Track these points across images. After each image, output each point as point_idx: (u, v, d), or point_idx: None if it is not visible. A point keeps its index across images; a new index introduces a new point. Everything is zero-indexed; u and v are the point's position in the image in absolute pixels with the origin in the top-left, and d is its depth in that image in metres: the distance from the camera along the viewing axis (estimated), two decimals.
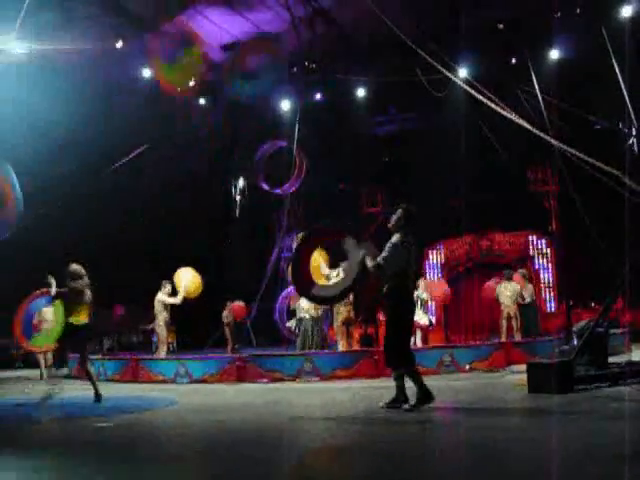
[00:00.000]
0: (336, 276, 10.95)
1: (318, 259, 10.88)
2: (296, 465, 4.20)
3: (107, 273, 18.25)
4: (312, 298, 8.30)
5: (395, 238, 6.43)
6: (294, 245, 14.78)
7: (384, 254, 6.35)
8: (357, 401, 7.47)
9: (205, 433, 5.67)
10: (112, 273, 20.12)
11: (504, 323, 13.17)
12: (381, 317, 17.15)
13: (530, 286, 13.83)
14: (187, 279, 12.78)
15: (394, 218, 6.59)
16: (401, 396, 6.39)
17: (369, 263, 6.37)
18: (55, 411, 7.48)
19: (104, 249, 19.60)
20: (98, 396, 8.23)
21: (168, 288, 12.77)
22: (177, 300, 12.62)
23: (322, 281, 10.17)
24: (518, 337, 12.77)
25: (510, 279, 13.52)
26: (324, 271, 11.17)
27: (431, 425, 5.75)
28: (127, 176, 18.16)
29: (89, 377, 8.45)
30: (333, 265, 11.58)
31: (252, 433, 5.52)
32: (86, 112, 17.66)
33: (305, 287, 7.70)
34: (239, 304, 15.81)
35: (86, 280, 8.44)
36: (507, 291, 13.27)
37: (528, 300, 13.33)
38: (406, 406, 6.26)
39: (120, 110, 17.91)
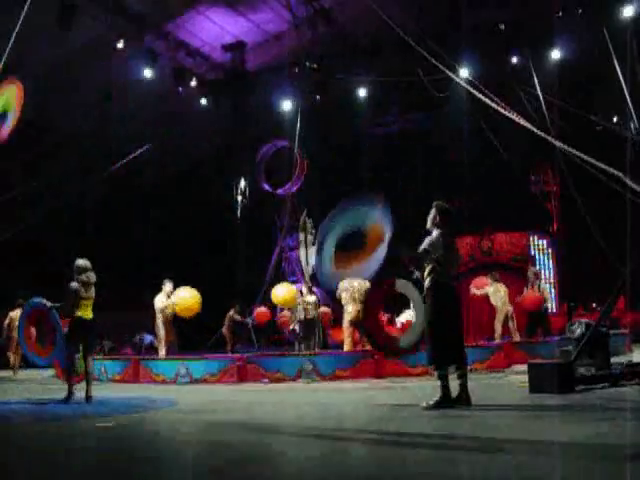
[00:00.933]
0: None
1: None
2: (296, 465, 4.20)
3: (108, 276, 18.29)
4: (398, 353, 8.35)
5: (434, 233, 6.44)
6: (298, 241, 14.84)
7: (426, 245, 6.33)
8: (357, 401, 7.46)
9: (205, 433, 5.67)
10: (114, 276, 20.17)
11: (499, 326, 12.95)
12: (383, 318, 17.11)
13: (543, 284, 13.58)
14: (183, 298, 12.74)
15: (430, 217, 6.57)
16: (463, 394, 6.28)
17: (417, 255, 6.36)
18: (56, 410, 7.49)
19: (106, 251, 19.60)
20: (69, 397, 8.12)
21: (168, 287, 12.73)
22: (167, 302, 12.62)
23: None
24: (516, 338, 12.61)
25: (498, 280, 13.19)
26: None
27: (431, 425, 5.74)
28: (127, 177, 18.17)
29: (86, 377, 8.23)
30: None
31: (252, 433, 5.52)
32: (89, 111, 17.73)
33: (388, 348, 7.72)
34: (262, 309, 15.80)
35: (92, 275, 8.37)
36: (500, 292, 12.98)
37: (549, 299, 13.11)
38: (424, 404, 6.23)
39: (122, 110, 17.94)
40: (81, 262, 8.38)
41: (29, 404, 8.39)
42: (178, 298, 12.55)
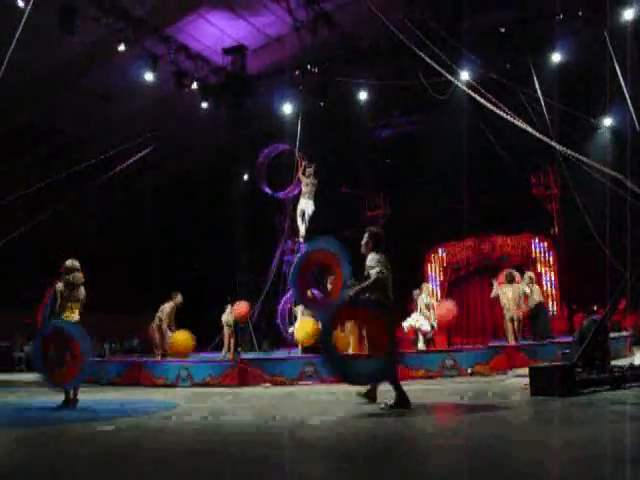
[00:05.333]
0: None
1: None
2: (294, 467, 4.20)
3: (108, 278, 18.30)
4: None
5: (374, 254, 6.80)
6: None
7: (377, 268, 6.62)
8: (358, 404, 7.45)
9: (206, 436, 5.66)
10: (113, 278, 20.19)
11: (509, 325, 12.82)
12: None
13: (537, 287, 13.49)
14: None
15: (363, 242, 6.99)
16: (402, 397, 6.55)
17: (366, 285, 6.66)
18: (56, 415, 7.48)
19: (105, 254, 19.62)
20: (67, 402, 7.95)
21: (179, 298, 12.97)
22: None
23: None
24: (519, 340, 12.54)
25: (512, 281, 12.99)
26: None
27: (432, 428, 5.74)
28: (127, 180, 18.18)
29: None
30: None
31: (253, 436, 5.52)
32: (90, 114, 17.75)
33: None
34: (240, 305, 15.47)
35: (80, 276, 8.17)
36: (509, 293, 12.82)
37: (537, 300, 12.90)
38: (382, 405, 6.51)
39: (122, 113, 17.97)
40: (68, 262, 8.18)
41: (27, 408, 8.37)
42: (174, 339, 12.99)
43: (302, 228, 14.56)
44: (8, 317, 17.24)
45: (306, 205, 14.16)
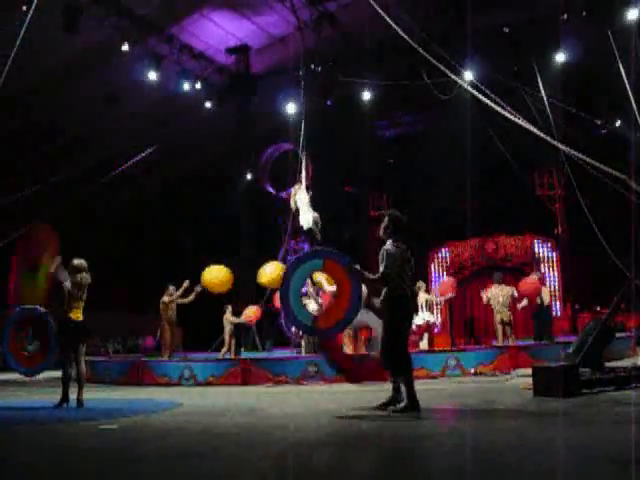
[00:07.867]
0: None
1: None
2: (296, 465, 4.20)
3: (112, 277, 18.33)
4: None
5: (388, 245, 6.50)
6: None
7: (384, 264, 6.38)
8: (360, 404, 7.45)
9: (209, 435, 5.66)
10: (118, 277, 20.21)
11: (499, 327, 12.82)
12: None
13: (545, 288, 13.40)
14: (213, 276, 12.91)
15: (382, 226, 6.65)
16: (399, 397, 6.39)
17: (372, 277, 6.53)
18: (59, 413, 7.49)
19: (111, 254, 19.64)
20: (62, 402, 7.92)
21: (171, 289, 12.83)
22: (184, 299, 12.79)
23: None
24: (512, 342, 12.50)
25: (500, 283, 13.05)
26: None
27: (435, 427, 5.73)
28: (129, 180, 18.19)
29: (64, 380, 8.00)
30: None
31: (256, 435, 5.52)
32: (94, 114, 17.77)
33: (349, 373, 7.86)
34: (251, 310, 15.27)
35: (87, 276, 8.10)
36: (500, 296, 12.79)
37: (547, 301, 12.88)
38: (392, 407, 6.31)
39: (126, 113, 17.97)
40: (76, 262, 8.10)
41: (28, 408, 8.37)
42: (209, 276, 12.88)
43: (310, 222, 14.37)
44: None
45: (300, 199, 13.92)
